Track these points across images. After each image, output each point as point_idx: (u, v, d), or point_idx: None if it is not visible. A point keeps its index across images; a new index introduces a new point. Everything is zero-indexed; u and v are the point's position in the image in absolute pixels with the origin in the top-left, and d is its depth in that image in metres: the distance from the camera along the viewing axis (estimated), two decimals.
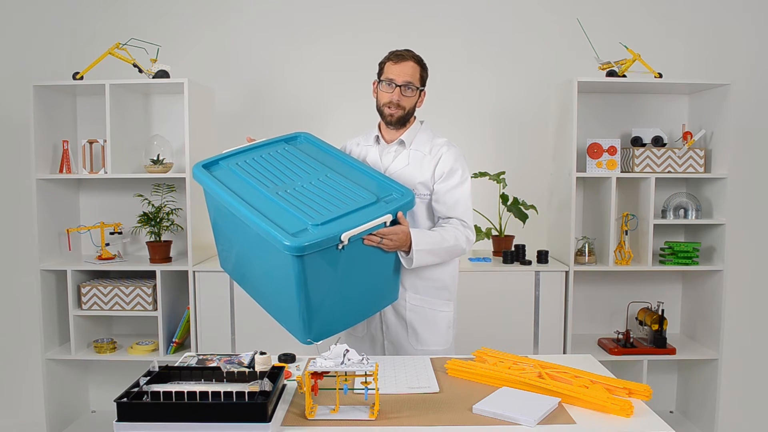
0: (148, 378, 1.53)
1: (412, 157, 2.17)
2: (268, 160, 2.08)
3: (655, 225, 3.02)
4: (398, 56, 2.14)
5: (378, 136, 2.24)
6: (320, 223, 1.76)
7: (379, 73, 2.19)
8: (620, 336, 3.09)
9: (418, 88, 2.15)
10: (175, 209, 3.19)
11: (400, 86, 2.11)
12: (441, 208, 2.16)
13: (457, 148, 2.19)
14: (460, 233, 2.11)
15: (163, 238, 3.16)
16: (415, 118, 2.23)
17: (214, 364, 1.73)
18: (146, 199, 3.19)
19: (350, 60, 3.38)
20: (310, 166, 2.05)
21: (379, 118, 2.23)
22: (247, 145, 2.16)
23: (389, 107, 2.14)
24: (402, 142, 2.19)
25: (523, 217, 3.13)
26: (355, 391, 1.52)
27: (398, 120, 2.16)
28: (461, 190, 2.15)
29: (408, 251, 2.00)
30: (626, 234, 3.11)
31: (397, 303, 2.17)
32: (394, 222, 1.92)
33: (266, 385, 1.49)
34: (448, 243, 2.07)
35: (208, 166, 2.04)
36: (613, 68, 3.00)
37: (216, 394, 1.41)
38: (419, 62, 2.17)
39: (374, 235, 1.86)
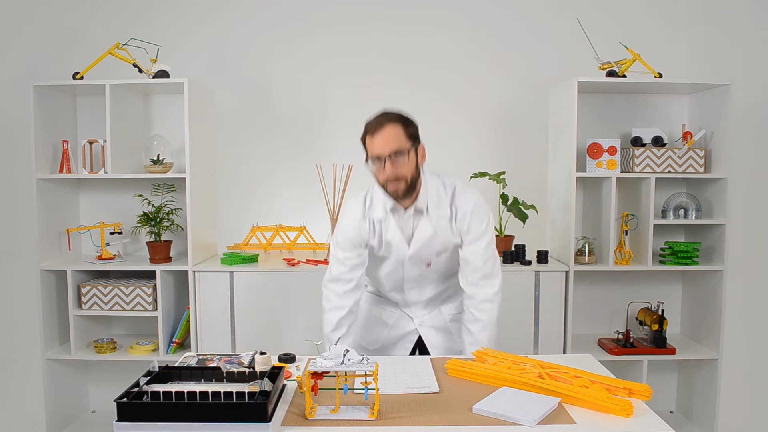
0: (148, 378, 1.53)
1: (434, 223, 2.01)
2: None
3: (655, 225, 3.02)
4: (375, 126, 1.88)
5: (389, 205, 2.01)
6: None
7: (365, 152, 1.94)
8: (620, 336, 3.09)
9: (410, 150, 1.90)
10: (175, 209, 3.19)
11: (388, 158, 1.87)
12: (471, 260, 2.03)
13: (470, 194, 2.02)
14: (492, 300, 2.05)
15: (163, 238, 3.16)
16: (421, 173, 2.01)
17: (214, 364, 1.73)
18: (146, 199, 3.19)
19: (350, 59, 3.38)
20: None
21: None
22: None
23: (390, 184, 1.92)
24: (419, 210, 2.01)
25: (523, 217, 3.13)
26: (355, 391, 1.52)
27: (405, 192, 1.94)
28: (489, 249, 2.04)
29: None
30: (626, 234, 3.11)
31: (435, 320, 2.22)
32: None
33: (266, 385, 1.48)
34: (494, 326, 2.06)
35: None
36: (613, 68, 3.00)
37: (216, 394, 1.41)
38: (399, 119, 1.90)
39: None
